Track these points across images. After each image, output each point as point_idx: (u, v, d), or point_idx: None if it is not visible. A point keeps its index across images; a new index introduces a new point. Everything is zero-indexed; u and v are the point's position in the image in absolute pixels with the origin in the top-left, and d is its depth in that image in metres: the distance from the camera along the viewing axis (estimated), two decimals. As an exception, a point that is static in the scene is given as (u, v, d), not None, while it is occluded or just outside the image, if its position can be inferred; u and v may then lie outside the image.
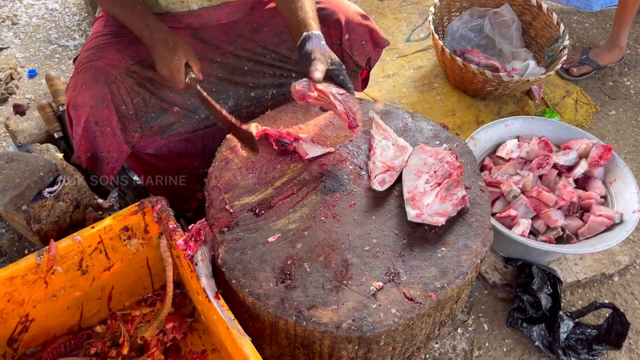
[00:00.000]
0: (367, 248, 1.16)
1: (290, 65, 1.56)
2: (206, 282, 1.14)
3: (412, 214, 1.20)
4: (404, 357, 1.26)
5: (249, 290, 1.09)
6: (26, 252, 1.50)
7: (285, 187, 1.28)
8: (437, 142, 1.41)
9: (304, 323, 1.05)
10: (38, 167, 1.29)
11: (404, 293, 1.09)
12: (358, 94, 2.08)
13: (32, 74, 2.44)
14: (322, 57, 1.23)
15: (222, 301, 1.12)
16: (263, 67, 1.54)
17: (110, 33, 1.41)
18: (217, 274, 1.18)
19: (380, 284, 1.10)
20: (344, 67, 1.27)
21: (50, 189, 1.30)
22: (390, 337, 1.10)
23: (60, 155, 1.66)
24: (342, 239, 1.18)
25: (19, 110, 1.96)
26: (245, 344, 1.05)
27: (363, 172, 1.32)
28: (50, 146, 1.73)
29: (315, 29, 1.28)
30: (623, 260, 1.72)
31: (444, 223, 1.19)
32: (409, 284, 1.10)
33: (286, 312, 1.06)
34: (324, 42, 1.27)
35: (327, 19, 1.48)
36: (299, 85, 1.23)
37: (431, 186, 1.26)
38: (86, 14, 2.83)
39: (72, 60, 1.54)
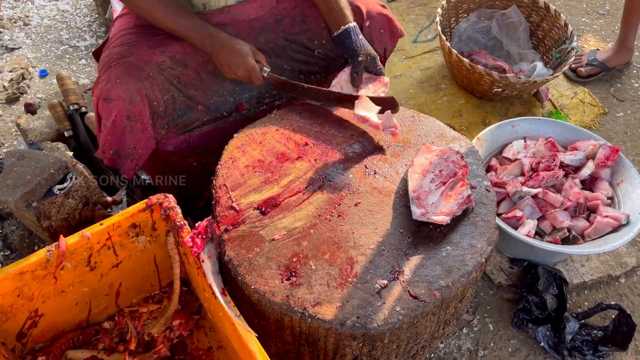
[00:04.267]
0: (372, 246, 1.17)
1: (308, 57, 1.59)
2: (213, 279, 1.15)
3: (417, 212, 1.20)
4: (408, 355, 1.26)
5: (255, 287, 1.10)
6: (36, 248, 1.52)
7: (291, 185, 1.29)
8: (444, 142, 1.42)
9: (309, 320, 1.05)
10: (48, 164, 1.31)
11: (408, 291, 1.09)
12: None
13: (43, 74, 2.48)
14: (363, 58, 1.45)
15: (228, 297, 1.13)
16: (283, 62, 1.57)
17: (140, 32, 1.42)
18: (224, 271, 1.20)
19: (385, 282, 1.10)
20: (377, 57, 1.48)
21: (60, 186, 1.32)
22: (394, 335, 1.10)
23: (71, 154, 1.69)
24: (348, 237, 1.19)
25: (30, 109, 1.99)
26: (251, 340, 1.06)
27: (368, 171, 1.33)
28: (61, 144, 1.75)
29: (351, 20, 1.46)
30: (630, 262, 1.71)
31: (449, 222, 1.20)
32: (413, 283, 1.11)
33: (291, 309, 1.07)
34: (361, 35, 1.47)
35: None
36: (358, 109, 1.40)
37: (436, 185, 1.26)
38: (97, 15, 2.86)
39: (92, 53, 1.55)
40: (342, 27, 1.46)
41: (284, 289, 1.10)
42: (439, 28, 2.18)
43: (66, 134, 1.87)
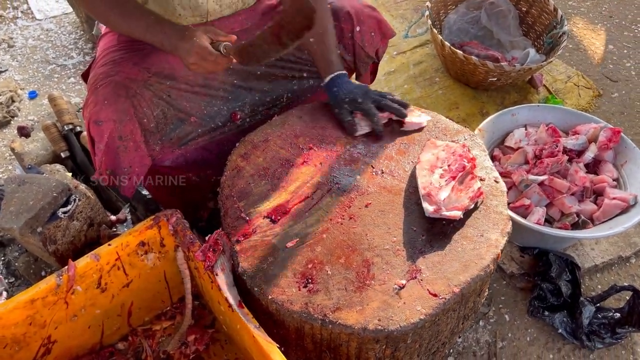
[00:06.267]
0: (387, 247, 1.16)
1: (300, 65, 1.57)
2: (228, 292, 1.14)
3: (429, 209, 1.19)
4: (429, 353, 1.25)
5: (272, 297, 1.08)
6: (43, 273, 1.49)
7: (299, 191, 1.28)
8: (447, 136, 1.41)
9: (330, 326, 1.04)
10: (50, 187, 1.29)
11: (427, 289, 1.08)
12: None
13: (32, 95, 2.44)
14: (351, 106, 1.42)
15: (245, 310, 1.12)
16: (275, 70, 1.55)
17: (124, 48, 1.40)
18: (238, 282, 1.18)
19: (403, 281, 1.09)
20: (387, 94, 1.45)
21: (64, 209, 1.29)
22: (417, 335, 1.09)
23: (69, 175, 1.66)
24: (361, 240, 1.17)
25: (24, 132, 1.96)
26: (273, 350, 1.05)
27: (376, 171, 1.32)
28: (59, 166, 1.72)
29: (335, 70, 1.45)
30: (639, 241, 1.71)
31: (462, 216, 1.19)
32: (432, 280, 1.10)
33: (311, 316, 1.05)
34: (349, 82, 1.45)
35: (337, 13, 1.52)
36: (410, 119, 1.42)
37: (446, 180, 1.25)
38: (82, 32, 2.83)
39: (80, 76, 1.53)
40: (328, 76, 1.45)
41: (302, 297, 1.08)
42: (429, 21, 2.17)
43: (63, 155, 1.84)
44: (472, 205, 1.22)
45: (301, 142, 1.40)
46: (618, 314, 1.51)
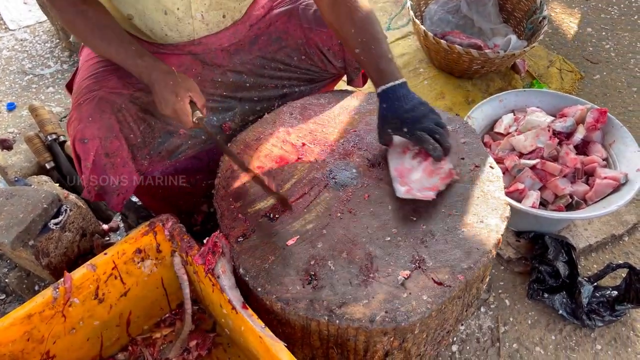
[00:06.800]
0: (388, 238, 1.15)
1: (290, 73, 1.53)
2: (231, 294, 1.12)
3: (401, 190, 1.21)
4: (435, 342, 1.25)
5: (277, 296, 1.07)
6: (36, 288, 1.45)
7: (295, 188, 1.26)
8: (440, 125, 1.41)
9: (337, 322, 1.03)
10: (40, 199, 1.25)
11: (432, 278, 1.08)
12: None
13: (10, 107, 2.38)
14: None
15: (250, 311, 1.10)
16: (264, 80, 1.50)
17: (107, 60, 1.35)
18: (239, 283, 1.16)
19: (408, 272, 1.09)
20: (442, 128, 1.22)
21: (56, 220, 1.26)
22: (424, 325, 1.09)
23: (57, 186, 1.62)
24: (362, 233, 1.17)
25: (6, 145, 1.91)
26: (281, 350, 1.04)
27: (371, 163, 1.31)
28: (44, 177, 1.69)
29: (400, 78, 1.24)
30: (630, 219, 1.74)
31: (434, 197, 1.20)
32: (436, 269, 1.09)
33: (317, 313, 1.04)
34: (408, 95, 1.24)
35: (322, 19, 1.47)
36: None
37: (418, 162, 1.26)
38: (58, 40, 2.77)
39: (65, 87, 1.48)
40: (381, 87, 1.25)
41: (306, 294, 1.07)
42: (412, 13, 2.17)
43: (47, 166, 1.80)
44: (444, 187, 1.23)
45: (294, 139, 1.39)
46: (615, 292, 1.53)
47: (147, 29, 1.34)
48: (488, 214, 1.19)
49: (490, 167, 1.30)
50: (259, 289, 1.09)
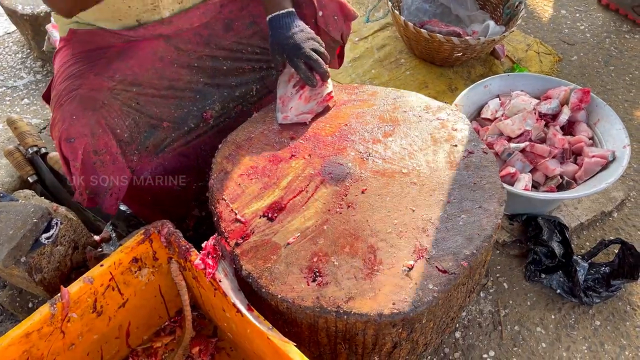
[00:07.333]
0: (389, 230, 1.15)
1: (267, 56, 1.53)
2: (235, 297, 1.10)
3: (279, 117, 1.33)
4: (440, 330, 1.26)
5: (282, 296, 1.06)
6: (30, 305, 1.41)
7: (292, 185, 1.25)
8: (430, 114, 1.41)
9: (345, 317, 1.02)
10: (29, 214, 1.22)
11: (436, 267, 1.08)
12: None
13: (-15, 121, 2.31)
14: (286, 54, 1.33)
15: (256, 312, 1.09)
16: (242, 63, 1.51)
17: (82, 59, 1.33)
18: (242, 285, 1.14)
19: (412, 262, 1.09)
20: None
21: (47, 235, 1.22)
22: (431, 314, 1.09)
23: (43, 199, 1.58)
24: (363, 226, 1.16)
25: (-16, 161, 1.84)
26: (291, 350, 1.02)
27: (365, 156, 1.30)
28: (28, 191, 1.64)
29: (287, 7, 1.36)
30: (618, 195, 1.77)
31: (310, 120, 1.37)
32: (439, 257, 1.09)
33: (324, 309, 1.03)
34: (291, 23, 1.35)
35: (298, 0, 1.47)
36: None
37: (296, 89, 1.35)
38: (29, 50, 2.69)
39: (41, 97, 1.45)
40: (269, 15, 1.35)
41: (312, 292, 1.06)
42: (390, 4, 2.17)
43: (30, 179, 1.75)
44: (321, 109, 1.38)
45: (285, 135, 1.37)
46: (609, 268, 1.56)
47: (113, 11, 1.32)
48: (485, 199, 1.20)
49: (484, 152, 1.31)
50: (263, 290, 1.07)
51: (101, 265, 1.19)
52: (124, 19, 1.35)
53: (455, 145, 1.32)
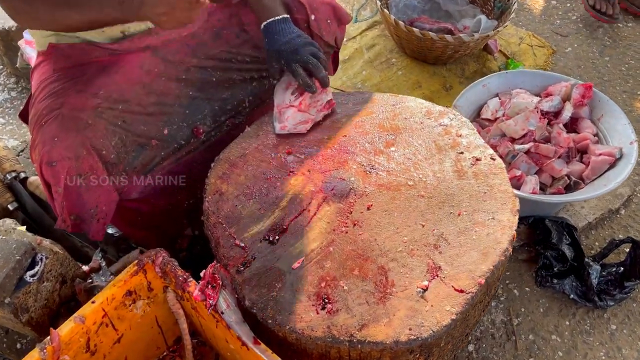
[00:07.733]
0: (400, 248, 1.08)
1: (258, 65, 1.46)
2: (239, 329, 1.03)
3: (277, 127, 1.29)
4: (455, 348, 1.20)
5: (290, 327, 0.98)
6: (19, 346, 1.32)
7: (292, 205, 1.18)
8: (432, 119, 1.34)
9: (359, 346, 0.96)
10: (11, 251, 1.13)
11: (452, 286, 1.01)
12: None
13: (-41, 144, 2.19)
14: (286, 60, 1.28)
15: (263, 346, 1.01)
16: (232, 74, 1.43)
17: (63, 77, 1.23)
18: (246, 316, 1.07)
19: (426, 283, 1.02)
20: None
21: (32, 272, 1.14)
22: (449, 336, 1.03)
23: (23, 228, 1.49)
24: (371, 246, 1.09)
25: (-40, 188, 1.74)
26: (303, 385, 0.95)
27: (368, 169, 1.23)
28: (9, 220, 1.54)
29: (281, 13, 1.32)
30: (624, 192, 1.73)
31: (308, 129, 1.31)
32: (454, 275, 1.03)
33: (336, 339, 0.96)
34: (287, 29, 1.31)
35: (289, 4, 1.41)
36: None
37: (295, 97, 1.29)
38: (1, 67, 2.57)
39: (18, 116, 1.36)
40: (264, 23, 1.31)
41: (322, 320, 0.99)
42: (378, 3, 2.10)
43: (10, 207, 1.65)
44: (321, 117, 1.33)
45: (281, 150, 1.30)
46: (621, 268, 1.51)
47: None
48: (498, 209, 1.13)
49: (492, 158, 1.24)
50: (270, 321, 1.00)
51: (92, 302, 1.10)
52: (108, 30, 1.27)
53: (462, 153, 1.25)
